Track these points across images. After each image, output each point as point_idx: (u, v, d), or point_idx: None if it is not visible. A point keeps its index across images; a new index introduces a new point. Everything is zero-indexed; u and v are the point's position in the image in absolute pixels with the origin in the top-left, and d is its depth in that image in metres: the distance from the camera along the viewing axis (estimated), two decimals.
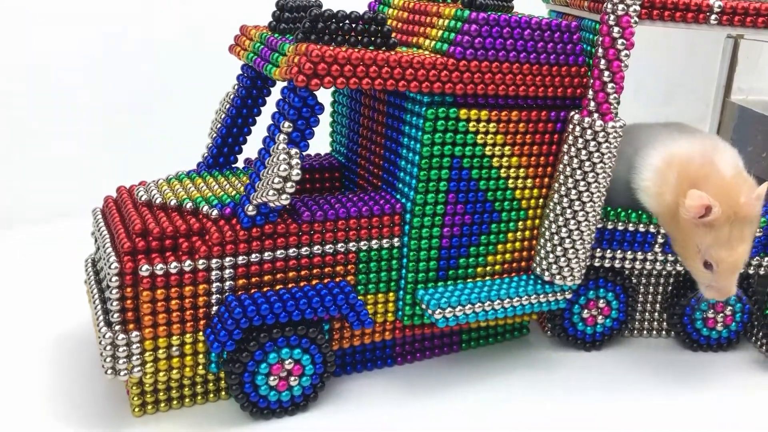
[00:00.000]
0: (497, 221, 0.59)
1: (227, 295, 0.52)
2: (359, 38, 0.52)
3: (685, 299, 0.66)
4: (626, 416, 0.58)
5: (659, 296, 0.68)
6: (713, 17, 0.59)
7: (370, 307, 0.58)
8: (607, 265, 0.65)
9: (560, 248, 0.59)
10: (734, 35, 0.81)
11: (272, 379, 0.54)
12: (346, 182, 0.68)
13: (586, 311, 0.66)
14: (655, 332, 0.70)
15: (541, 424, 0.57)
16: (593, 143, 0.57)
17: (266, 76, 0.56)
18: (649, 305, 0.69)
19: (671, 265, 0.65)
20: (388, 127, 0.59)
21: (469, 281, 0.60)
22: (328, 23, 0.51)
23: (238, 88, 0.63)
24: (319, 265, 0.55)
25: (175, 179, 0.59)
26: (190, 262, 0.51)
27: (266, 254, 0.53)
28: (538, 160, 0.59)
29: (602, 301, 0.66)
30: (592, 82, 0.56)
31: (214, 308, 0.52)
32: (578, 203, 0.58)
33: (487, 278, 0.61)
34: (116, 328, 0.51)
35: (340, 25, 0.52)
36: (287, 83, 0.51)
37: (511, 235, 0.60)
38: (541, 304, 0.60)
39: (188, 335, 0.52)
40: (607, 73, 0.56)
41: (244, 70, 0.62)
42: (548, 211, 0.60)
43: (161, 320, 0.51)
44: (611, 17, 0.55)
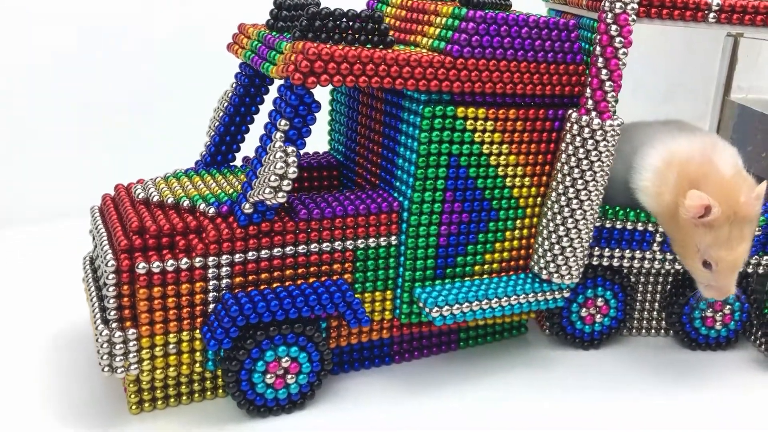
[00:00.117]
0: (495, 219, 0.59)
1: (224, 293, 0.52)
2: (356, 36, 0.52)
3: (683, 298, 0.66)
4: (625, 415, 0.58)
5: (658, 295, 0.68)
6: (711, 15, 0.59)
7: (367, 305, 0.58)
8: (605, 263, 0.65)
9: (558, 246, 0.59)
10: (734, 33, 0.81)
11: (269, 377, 0.54)
12: (344, 180, 0.68)
13: (584, 310, 0.66)
14: (653, 331, 0.70)
15: (539, 423, 0.57)
16: (591, 141, 0.57)
17: (264, 74, 0.56)
18: (647, 304, 0.69)
19: (670, 263, 0.65)
20: (385, 125, 0.59)
21: (466, 279, 0.60)
22: (325, 21, 0.51)
23: (236, 86, 0.63)
24: (316, 263, 0.55)
25: (172, 177, 0.60)
26: (186, 260, 0.51)
27: (263, 252, 0.53)
28: (536, 158, 0.59)
29: (601, 299, 0.66)
30: (589, 80, 0.56)
31: (211, 306, 0.52)
32: (576, 201, 0.58)
33: (484, 277, 0.61)
34: (113, 325, 0.51)
35: (337, 23, 0.52)
36: (284, 81, 0.51)
37: (508, 233, 0.60)
38: (538, 302, 0.60)
39: (185, 333, 0.52)
40: (604, 71, 0.56)
41: (242, 68, 0.62)
42: (546, 209, 0.60)
43: (158, 318, 0.51)
44: (609, 15, 0.55)
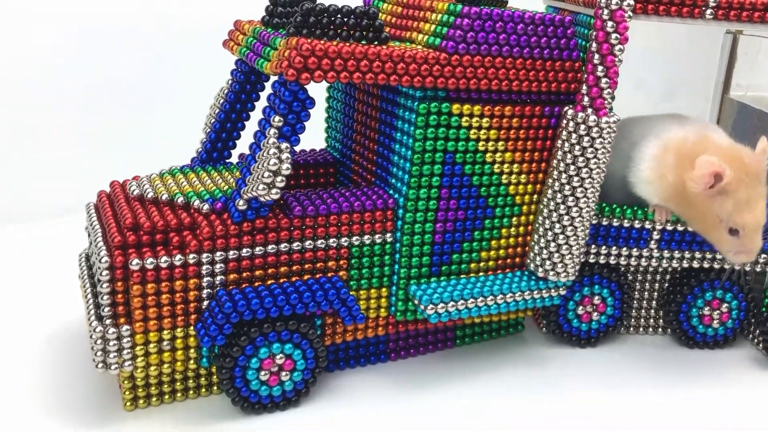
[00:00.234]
0: (491, 217, 0.59)
1: (218, 289, 0.52)
2: (351, 32, 0.52)
3: (681, 296, 0.66)
4: (621, 413, 0.58)
5: (655, 293, 0.68)
6: (708, 12, 0.58)
7: (362, 302, 0.58)
8: (602, 261, 0.64)
9: (554, 244, 0.59)
10: (733, 31, 0.81)
11: (263, 374, 0.54)
12: (340, 177, 0.67)
13: (581, 308, 0.65)
14: (651, 329, 0.69)
15: (535, 421, 0.57)
16: (587, 138, 0.56)
17: (259, 70, 0.56)
18: (645, 302, 0.68)
19: (667, 261, 0.65)
20: (381, 122, 0.59)
21: (462, 277, 0.60)
22: (319, 17, 0.51)
23: (231, 83, 0.63)
24: (310, 260, 0.55)
25: (167, 174, 0.59)
26: (180, 256, 0.51)
27: (257, 249, 0.53)
28: (531, 155, 0.59)
29: (597, 297, 0.65)
30: (586, 77, 0.56)
31: (204, 303, 0.52)
32: (572, 199, 0.58)
33: (480, 274, 0.60)
34: (107, 322, 0.51)
35: (331, 19, 0.52)
36: (278, 77, 0.51)
37: (504, 230, 0.60)
38: (534, 300, 0.60)
39: (179, 330, 0.52)
40: (601, 67, 0.55)
41: (237, 65, 0.62)
42: (542, 206, 0.60)
43: (152, 314, 0.51)
44: (605, 12, 0.55)
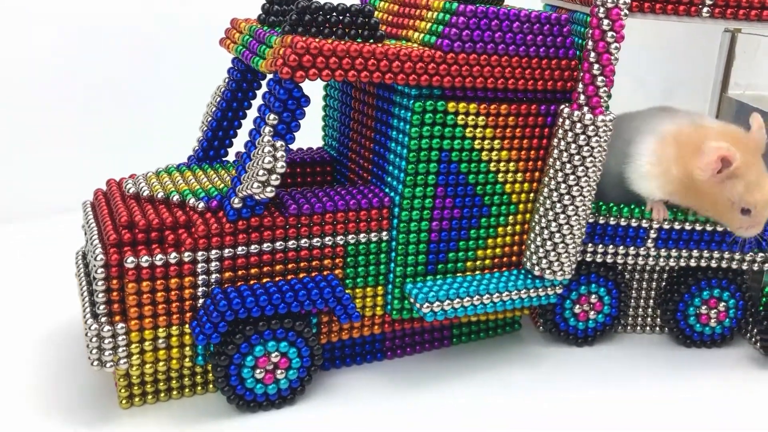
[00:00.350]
0: (486, 215, 0.59)
1: (213, 287, 0.52)
2: (346, 30, 0.52)
3: (678, 295, 0.65)
4: (618, 412, 0.58)
5: (652, 292, 0.68)
6: (705, 10, 0.58)
7: (358, 300, 0.58)
8: (599, 260, 0.64)
9: (550, 243, 0.59)
10: (731, 29, 0.81)
11: (258, 372, 0.54)
12: (337, 176, 0.67)
13: (578, 306, 0.65)
14: (648, 328, 0.69)
15: (532, 419, 0.56)
16: (583, 137, 0.56)
17: (255, 69, 0.56)
18: (642, 301, 0.68)
19: (664, 260, 0.65)
20: (377, 120, 0.59)
21: (458, 275, 0.60)
22: (315, 15, 0.51)
23: (228, 81, 0.63)
24: (306, 258, 0.55)
25: (164, 172, 0.59)
26: (175, 254, 0.51)
27: (252, 247, 0.53)
28: (527, 153, 0.59)
29: (594, 296, 0.65)
30: (582, 75, 0.56)
31: (200, 301, 0.52)
32: (568, 197, 0.58)
33: (476, 273, 0.60)
34: (102, 319, 0.51)
35: (327, 17, 0.52)
36: (273, 75, 0.51)
37: (500, 229, 0.60)
38: (531, 298, 0.60)
39: (175, 328, 0.52)
40: (596, 66, 0.55)
41: (234, 63, 0.62)
42: (538, 205, 0.60)
43: (147, 312, 0.51)
44: (601, 9, 0.55)
